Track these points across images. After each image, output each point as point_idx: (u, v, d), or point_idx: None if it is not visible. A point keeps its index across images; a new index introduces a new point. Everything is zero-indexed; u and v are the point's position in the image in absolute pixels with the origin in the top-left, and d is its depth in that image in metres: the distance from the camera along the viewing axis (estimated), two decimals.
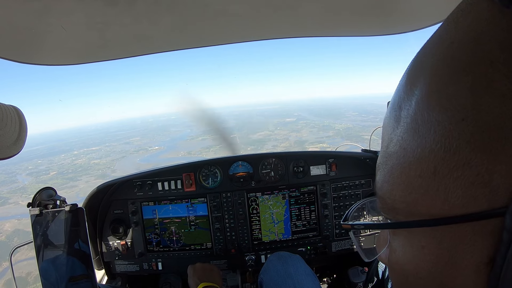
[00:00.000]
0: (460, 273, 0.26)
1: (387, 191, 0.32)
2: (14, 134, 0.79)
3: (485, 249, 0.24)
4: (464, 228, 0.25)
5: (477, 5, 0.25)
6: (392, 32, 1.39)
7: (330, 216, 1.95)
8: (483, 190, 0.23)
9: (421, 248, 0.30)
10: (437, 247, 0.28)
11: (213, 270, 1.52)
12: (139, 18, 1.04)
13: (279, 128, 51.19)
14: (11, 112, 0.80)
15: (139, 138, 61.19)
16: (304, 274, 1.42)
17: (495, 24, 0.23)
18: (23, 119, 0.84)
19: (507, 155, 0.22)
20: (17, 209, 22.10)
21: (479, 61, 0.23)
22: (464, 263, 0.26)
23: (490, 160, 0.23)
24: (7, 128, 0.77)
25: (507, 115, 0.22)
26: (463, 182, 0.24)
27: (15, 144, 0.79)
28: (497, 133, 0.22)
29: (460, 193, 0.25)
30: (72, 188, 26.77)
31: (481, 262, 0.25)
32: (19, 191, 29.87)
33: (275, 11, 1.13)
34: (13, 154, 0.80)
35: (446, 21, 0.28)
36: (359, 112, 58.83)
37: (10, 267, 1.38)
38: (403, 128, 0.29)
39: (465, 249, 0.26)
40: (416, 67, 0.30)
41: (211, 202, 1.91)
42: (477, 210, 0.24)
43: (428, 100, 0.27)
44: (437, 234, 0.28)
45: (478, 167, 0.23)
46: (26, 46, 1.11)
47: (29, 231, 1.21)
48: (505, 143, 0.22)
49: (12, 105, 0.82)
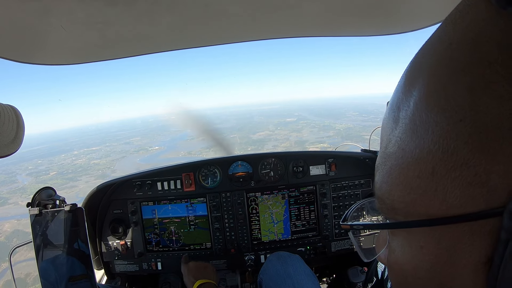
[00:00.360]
0: (459, 272, 0.27)
1: (386, 191, 0.33)
2: (12, 133, 0.80)
3: (483, 249, 0.24)
4: (462, 228, 0.25)
5: (475, 7, 0.25)
6: (391, 32, 1.39)
7: (329, 216, 1.95)
8: (481, 190, 0.23)
9: (420, 248, 0.30)
10: (435, 247, 0.28)
11: (207, 267, 1.52)
12: (139, 17, 1.04)
13: (279, 128, 51.15)
14: (8, 111, 0.81)
15: (139, 138, 61.11)
16: (303, 274, 1.42)
17: (493, 25, 0.23)
18: (21, 118, 0.85)
19: (505, 155, 0.22)
20: (17, 209, 21.97)
21: (477, 62, 0.23)
22: (462, 262, 0.26)
23: (488, 160, 0.23)
24: (5, 126, 0.78)
25: (505, 115, 0.22)
26: (461, 182, 0.24)
27: (13, 142, 0.80)
28: (495, 134, 0.22)
29: (458, 193, 0.25)
30: (72, 188, 26.70)
31: (479, 262, 0.25)
32: (19, 191, 29.80)
33: (275, 11, 1.13)
34: (11, 152, 0.81)
35: (444, 23, 0.28)
36: (359, 112, 58.77)
37: (10, 267, 1.39)
38: (401, 129, 0.29)
39: (464, 249, 0.26)
40: (414, 68, 0.30)
41: (210, 202, 1.91)
42: (475, 210, 0.24)
43: (426, 101, 0.27)
44: (435, 234, 0.28)
45: (476, 167, 0.23)
46: (26, 46, 1.11)
47: (28, 232, 1.21)
48: (502, 143, 0.22)
49: (9, 105, 0.83)
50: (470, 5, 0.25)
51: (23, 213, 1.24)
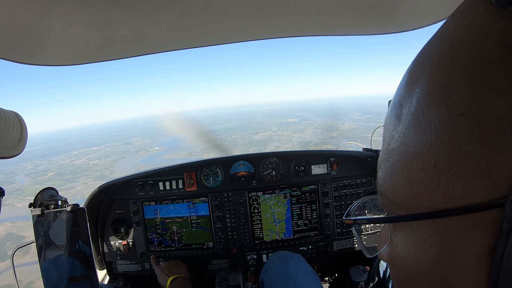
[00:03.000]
0: (462, 264, 0.27)
1: (389, 186, 0.33)
2: (16, 135, 0.87)
3: (486, 240, 0.25)
4: (465, 219, 0.26)
5: (476, 7, 0.26)
6: (391, 31, 1.38)
7: (331, 215, 1.95)
8: (483, 182, 0.24)
9: (423, 241, 0.30)
10: (439, 239, 0.28)
11: (178, 264, 1.69)
12: (140, 18, 1.04)
13: (281, 128, 50.94)
14: (12, 116, 0.88)
15: (140, 138, 60.85)
16: (305, 274, 1.42)
17: (493, 24, 0.24)
18: (23, 122, 0.93)
19: (506, 147, 0.23)
20: (12, 211, 21.43)
21: (477, 60, 0.24)
22: (465, 254, 0.26)
23: (489, 152, 0.23)
24: (10, 130, 0.85)
25: (505, 109, 0.23)
26: (463, 174, 0.25)
27: (18, 144, 0.88)
28: (496, 127, 0.23)
29: (460, 185, 0.25)
30: (70, 190, 26.17)
31: (482, 253, 0.25)
32: (16, 192, 29.29)
33: (275, 10, 1.13)
34: (17, 153, 0.88)
35: (446, 23, 0.29)
36: (362, 113, 58.49)
37: (12, 267, 1.39)
38: (404, 125, 0.30)
39: (467, 241, 0.26)
40: (417, 67, 0.31)
41: (212, 202, 1.91)
42: (478, 202, 0.24)
43: (428, 97, 0.28)
44: (438, 226, 0.28)
45: (478, 159, 0.24)
46: (27, 47, 1.11)
47: (22, 235, 1.22)
48: (503, 136, 0.23)
49: (12, 111, 0.91)
50: (471, 6, 0.26)
51: (19, 215, 1.24)
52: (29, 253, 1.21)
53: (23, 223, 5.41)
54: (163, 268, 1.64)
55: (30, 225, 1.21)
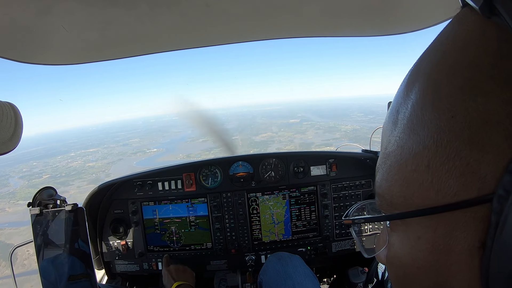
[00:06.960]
0: (455, 259, 0.28)
1: (385, 188, 0.35)
2: (10, 130, 0.79)
3: (477, 234, 0.26)
4: (457, 215, 0.27)
5: (465, 19, 0.29)
6: (392, 33, 1.39)
7: (330, 217, 1.95)
8: (473, 179, 0.26)
9: (417, 239, 0.32)
10: (432, 235, 0.30)
11: (186, 270, 1.63)
12: (140, 17, 1.05)
13: (282, 129, 50.69)
14: (6, 108, 0.80)
15: (138, 140, 60.15)
16: (303, 275, 1.42)
17: (480, 33, 0.27)
18: (19, 115, 0.84)
19: (493, 145, 0.24)
20: (2, 217, 20.25)
21: (466, 66, 0.27)
22: (458, 249, 0.28)
23: (478, 151, 0.25)
24: (3, 124, 0.77)
25: (491, 111, 0.24)
26: (455, 172, 0.27)
27: (11, 140, 0.79)
28: (483, 127, 0.25)
29: (452, 183, 0.27)
30: (63, 193, 26.23)
31: (473, 247, 0.27)
32: (8, 196, 28.16)
33: (276, 11, 1.14)
34: (9, 150, 0.80)
35: (439, 34, 0.32)
36: (364, 113, 58.26)
37: (10, 266, 1.39)
38: (400, 129, 0.32)
39: (458, 236, 0.28)
40: (413, 75, 0.33)
41: (211, 202, 1.91)
42: (468, 198, 0.26)
43: (422, 102, 0.30)
44: (432, 223, 0.30)
45: (467, 158, 0.26)
46: (27, 46, 1.11)
47: (10, 244, 1.20)
48: (490, 136, 0.24)
49: (8, 102, 0.83)
50: (461, 18, 0.29)
51: (9, 221, 1.21)
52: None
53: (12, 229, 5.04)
54: (171, 271, 1.60)
55: (19, 232, 1.19)
